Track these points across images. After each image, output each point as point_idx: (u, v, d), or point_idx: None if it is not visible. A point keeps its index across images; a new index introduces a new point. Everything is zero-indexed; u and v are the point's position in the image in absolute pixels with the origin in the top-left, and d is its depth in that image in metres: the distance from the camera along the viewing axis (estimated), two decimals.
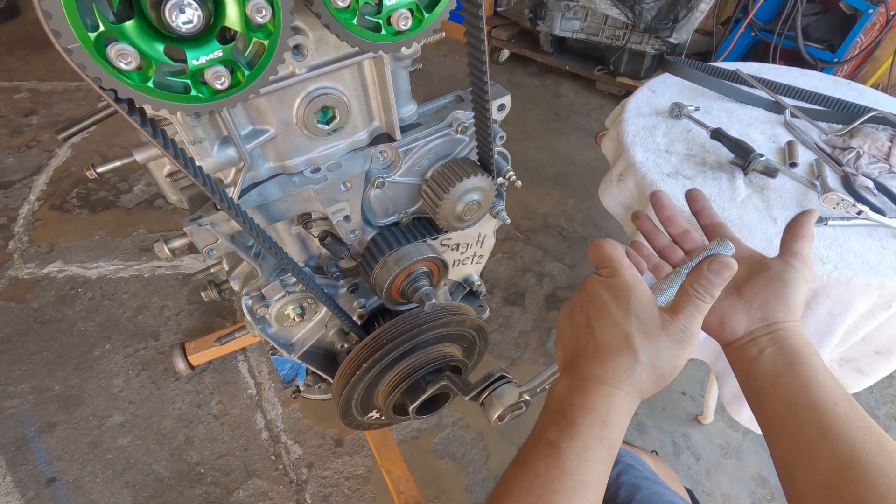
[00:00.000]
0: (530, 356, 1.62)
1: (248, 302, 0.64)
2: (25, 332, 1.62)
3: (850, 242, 0.88)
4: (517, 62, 3.10)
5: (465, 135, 0.62)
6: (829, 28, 2.26)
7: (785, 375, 0.44)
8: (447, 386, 0.60)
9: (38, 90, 2.69)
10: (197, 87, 0.36)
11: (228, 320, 1.69)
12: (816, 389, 0.42)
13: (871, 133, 1.08)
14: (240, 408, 1.47)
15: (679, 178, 1.01)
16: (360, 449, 1.39)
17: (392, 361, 0.60)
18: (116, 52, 0.31)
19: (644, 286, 0.44)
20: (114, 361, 1.56)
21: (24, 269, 1.81)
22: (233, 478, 1.33)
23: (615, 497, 0.74)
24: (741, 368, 0.48)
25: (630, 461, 0.80)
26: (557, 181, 2.28)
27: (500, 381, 0.57)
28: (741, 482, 1.35)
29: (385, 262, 0.63)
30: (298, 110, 0.51)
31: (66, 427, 1.41)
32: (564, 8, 2.55)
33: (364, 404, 0.66)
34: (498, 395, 0.56)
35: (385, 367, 0.60)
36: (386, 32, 0.42)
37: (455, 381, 0.60)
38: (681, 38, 2.30)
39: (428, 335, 0.61)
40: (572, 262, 1.92)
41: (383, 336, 0.59)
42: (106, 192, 2.12)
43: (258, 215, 0.54)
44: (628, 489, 0.74)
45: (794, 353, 0.45)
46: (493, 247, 0.82)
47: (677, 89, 1.29)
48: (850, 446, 0.39)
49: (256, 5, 0.33)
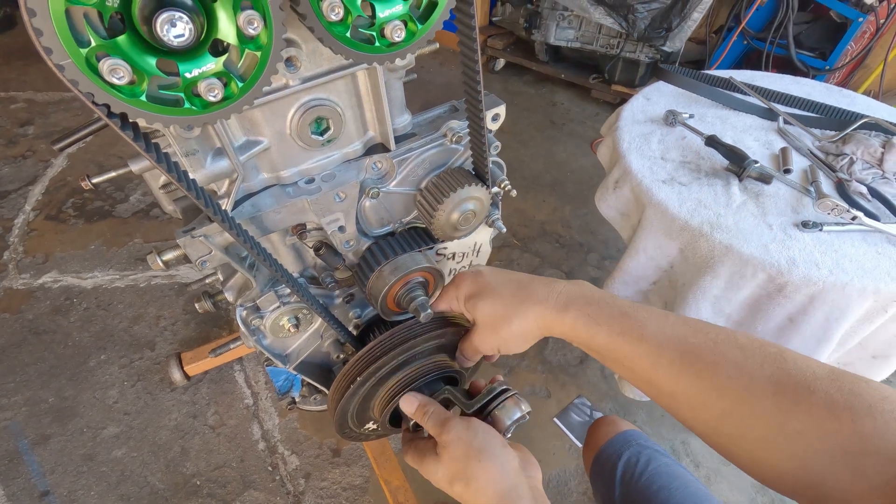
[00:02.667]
0: (528, 363, 1.61)
1: (243, 313, 0.63)
2: (19, 343, 1.61)
3: (845, 248, 0.88)
4: (513, 71, 3.12)
5: (459, 145, 0.63)
6: (821, 36, 2.28)
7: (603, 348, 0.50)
8: (447, 399, 0.60)
9: (35, 100, 2.69)
10: (190, 100, 0.36)
11: (225, 330, 1.68)
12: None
13: (864, 139, 1.09)
14: (236, 418, 1.46)
15: (675, 184, 1.01)
16: (358, 459, 1.38)
17: (387, 374, 0.60)
18: (109, 67, 0.30)
19: None
20: (109, 372, 1.55)
21: (18, 279, 1.80)
22: (229, 489, 1.32)
23: (634, 468, 0.80)
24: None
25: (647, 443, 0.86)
26: (554, 188, 2.28)
27: (503, 395, 0.56)
28: (741, 489, 1.34)
29: (380, 272, 0.62)
30: (292, 121, 0.51)
31: (60, 439, 1.39)
32: (559, 17, 2.57)
33: (360, 416, 0.66)
34: (503, 410, 0.55)
35: (380, 379, 0.60)
36: (379, 44, 0.42)
37: (455, 395, 0.60)
38: (674, 47, 2.32)
39: (424, 346, 0.61)
40: (569, 269, 1.92)
41: (377, 348, 0.59)
42: (102, 202, 2.12)
43: (252, 226, 0.54)
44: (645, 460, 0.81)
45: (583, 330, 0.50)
46: (489, 255, 0.82)
47: (672, 97, 1.30)
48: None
49: (248, 17, 0.34)
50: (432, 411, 0.56)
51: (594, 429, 0.93)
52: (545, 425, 1.47)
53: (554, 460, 1.39)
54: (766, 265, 0.86)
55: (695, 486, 0.77)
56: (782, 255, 0.87)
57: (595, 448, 0.89)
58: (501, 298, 0.54)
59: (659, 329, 0.46)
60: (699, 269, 0.94)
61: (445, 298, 0.60)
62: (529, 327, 0.53)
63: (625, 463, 0.82)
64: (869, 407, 0.35)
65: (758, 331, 0.95)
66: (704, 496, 0.75)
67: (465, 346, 0.61)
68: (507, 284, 0.55)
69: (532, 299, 0.52)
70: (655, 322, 0.47)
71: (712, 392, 0.42)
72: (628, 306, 0.49)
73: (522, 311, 0.52)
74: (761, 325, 0.94)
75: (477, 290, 0.56)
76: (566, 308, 0.50)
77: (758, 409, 0.40)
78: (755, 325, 0.94)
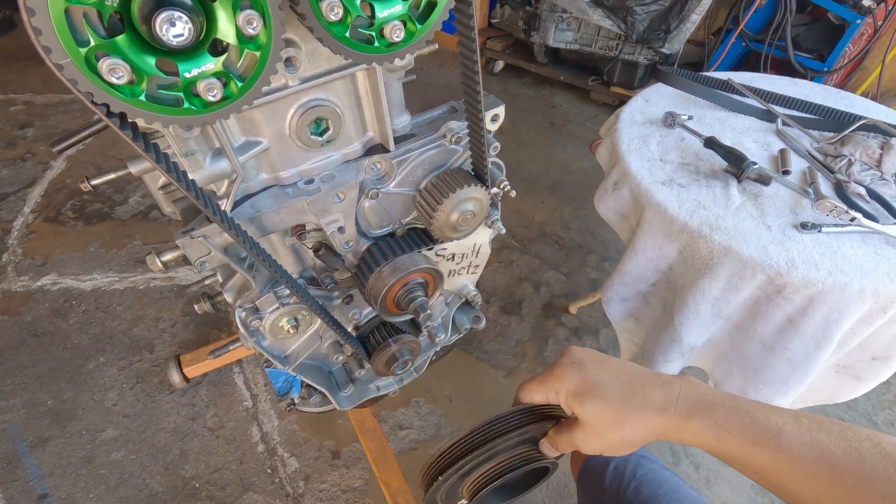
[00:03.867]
0: (528, 365, 1.61)
1: (242, 314, 0.63)
2: (18, 346, 1.61)
3: (844, 249, 0.88)
4: (512, 73, 3.12)
5: (458, 145, 0.63)
6: (819, 38, 2.29)
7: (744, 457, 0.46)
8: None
9: (34, 102, 2.70)
10: (189, 100, 0.36)
11: (224, 332, 1.68)
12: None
13: (863, 141, 1.09)
14: (235, 420, 1.45)
15: (673, 186, 1.01)
16: (358, 461, 1.38)
17: (474, 467, 0.56)
18: (108, 67, 0.30)
19: None
20: (108, 374, 1.54)
21: (17, 281, 1.80)
22: (228, 492, 1.32)
23: (622, 476, 0.80)
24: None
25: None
26: (553, 190, 2.29)
27: None
28: (741, 490, 1.34)
29: (380, 272, 0.62)
30: (291, 122, 0.51)
31: (59, 442, 1.39)
32: (558, 19, 2.58)
33: (450, 496, 0.63)
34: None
35: (467, 472, 0.57)
36: (379, 45, 0.42)
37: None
38: (673, 49, 2.33)
39: (520, 437, 0.57)
40: (569, 271, 1.92)
41: (475, 437, 0.55)
42: (101, 204, 2.12)
43: (251, 227, 0.54)
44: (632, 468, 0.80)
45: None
46: (489, 256, 0.82)
47: (670, 99, 1.30)
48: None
49: (247, 17, 0.34)
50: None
51: None
52: None
53: None
54: (765, 266, 0.86)
55: (684, 491, 0.76)
56: (781, 256, 0.87)
57: (582, 457, 0.89)
58: (612, 401, 0.50)
59: (797, 437, 0.43)
60: (698, 270, 0.94)
61: (543, 390, 0.55)
62: (644, 435, 0.49)
63: (612, 471, 0.81)
64: None
65: (757, 332, 0.95)
66: (694, 500, 0.75)
67: (562, 441, 0.55)
68: (617, 383, 0.51)
69: (649, 406, 0.48)
70: (792, 429, 0.44)
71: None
72: (758, 410, 0.46)
73: (637, 418, 0.49)
74: (760, 326, 0.93)
75: (583, 389, 0.51)
76: (689, 416, 0.47)
77: None
78: (754, 326, 0.94)
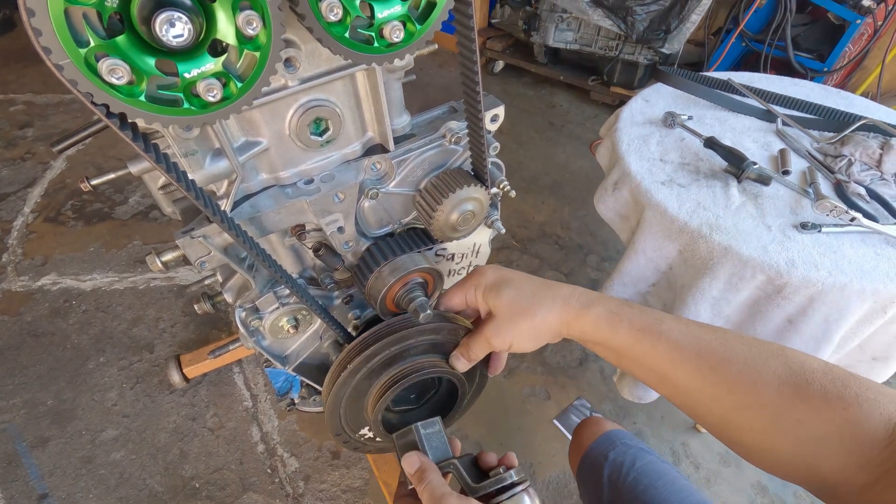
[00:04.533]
0: (528, 365, 1.61)
1: (242, 314, 0.63)
2: (18, 346, 1.61)
3: (843, 249, 0.88)
4: (512, 73, 3.12)
5: (458, 146, 0.63)
6: (819, 38, 2.29)
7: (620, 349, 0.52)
8: (453, 473, 0.55)
9: (34, 102, 2.70)
10: (189, 100, 0.36)
11: (224, 332, 1.68)
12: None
13: (863, 141, 1.09)
14: (235, 420, 1.45)
15: (673, 186, 1.01)
16: (358, 461, 1.38)
17: (379, 366, 0.59)
18: (107, 67, 0.30)
19: None
20: (108, 374, 1.54)
21: (17, 281, 1.80)
22: (228, 492, 1.32)
23: (620, 468, 0.81)
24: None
25: (632, 442, 0.86)
26: (553, 190, 2.28)
27: (515, 486, 0.51)
28: (741, 490, 1.34)
29: (380, 272, 0.62)
30: (291, 122, 0.51)
31: (59, 442, 1.39)
32: (558, 20, 2.58)
33: (354, 417, 0.65)
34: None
35: (372, 371, 0.59)
36: (378, 45, 0.42)
37: (461, 471, 0.54)
38: (673, 49, 2.33)
39: (419, 339, 0.59)
40: (569, 271, 1.92)
41: (371, 336, 0.58)
42: (101, 204, 2.12)
43: (251, 227, 0.54)
44: (630, 459, 0.82)
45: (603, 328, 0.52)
46: (488, 256, 0.82)
47: (670, 99, 1.30)
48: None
49: (247, 17, 0.34)
50: (430, 480, 0.51)
51: (579, 431, 0.93)
52: (545, 427, 1.47)
53: (554, 462, 1.39)
54: (765, 266, 0.86)
55: (681, 483, 0.77)
56: (781, 256, 0.87)
57: (581, 450, 0.89)
58: (525, 291, 0.55)
59: (676, 327, 0.49)
60: (698, 270, 0.94)
61: (462, 288, 0.59)
62: (550, 323, 0.54)
63: (611, 463, 0.82)
64: (856, 396, 0.40)
65: (757, 332, 0.95)
66: (690, 491, 0.76)
67: (474, 340, 0.58)
68: (531, 280, 0.56)
69: (557, 296, 0.54)
70: (672, 321, 0.50)
71: (724, 386, 0.45)
72: (646, 307, 0.52)
73: (547, 304, 0.53)
74: (760, 326, 0.93)
75: (500, 281, 0.56)
76: (589, 305, 0.53)
77: (764, 400, 0.43)
78: (754, 326, 0.94)
